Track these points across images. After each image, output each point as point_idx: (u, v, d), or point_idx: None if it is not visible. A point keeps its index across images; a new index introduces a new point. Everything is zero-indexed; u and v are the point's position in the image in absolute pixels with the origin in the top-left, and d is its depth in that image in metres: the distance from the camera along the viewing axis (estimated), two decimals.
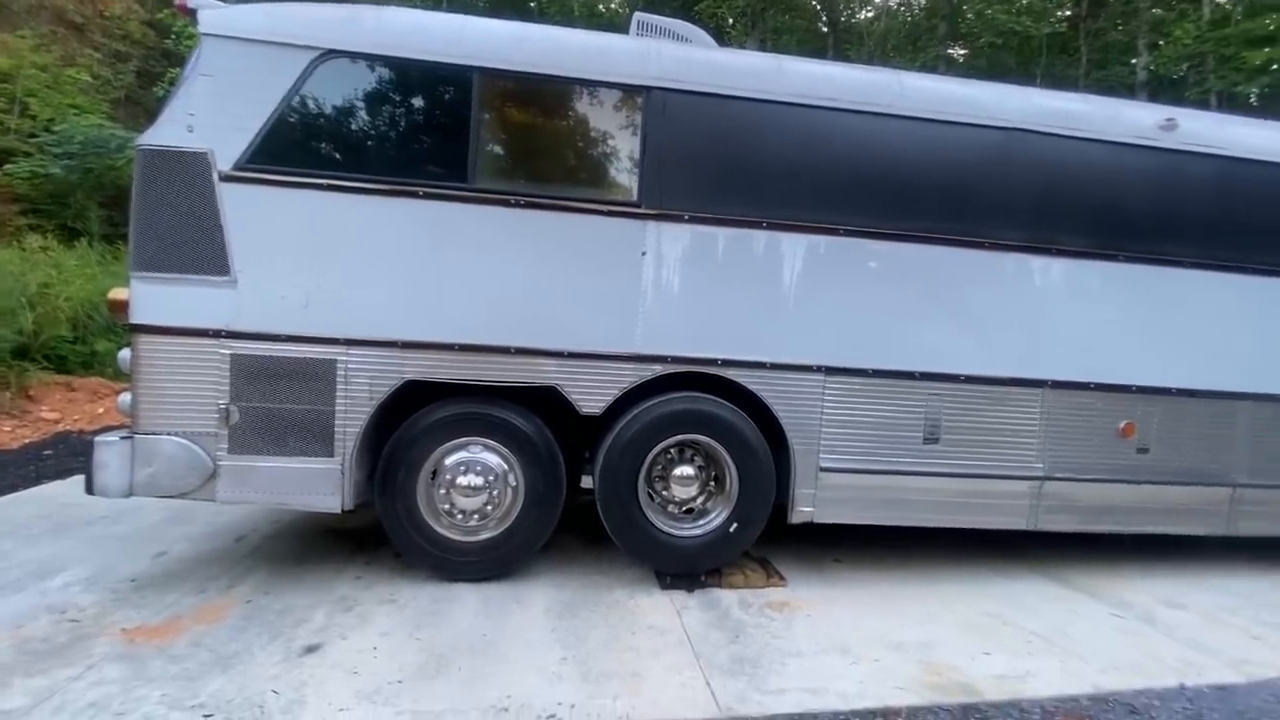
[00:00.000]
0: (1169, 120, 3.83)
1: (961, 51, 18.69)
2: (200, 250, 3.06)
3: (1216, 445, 3.96)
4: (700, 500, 3.64)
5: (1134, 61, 15.30)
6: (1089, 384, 3.79)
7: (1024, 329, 3.71)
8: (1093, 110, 3.85)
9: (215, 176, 3.04)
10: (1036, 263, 3.71)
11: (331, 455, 3.18)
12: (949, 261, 3.62)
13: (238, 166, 3.06)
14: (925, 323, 3.62)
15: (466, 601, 3.20)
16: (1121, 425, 3.84)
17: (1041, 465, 3.78)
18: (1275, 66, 12.90)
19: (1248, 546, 4.43)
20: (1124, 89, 14.43)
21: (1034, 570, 4.05)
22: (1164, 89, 14.57)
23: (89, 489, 3.08)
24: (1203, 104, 12.49)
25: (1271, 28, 12.40)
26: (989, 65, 16.06)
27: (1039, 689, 2.69)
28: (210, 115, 3.05)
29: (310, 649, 2.70)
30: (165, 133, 3.04)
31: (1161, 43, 14.66)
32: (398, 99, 3.36)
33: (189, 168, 3.02)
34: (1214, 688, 2.79)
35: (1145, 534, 3.99)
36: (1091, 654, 3.02)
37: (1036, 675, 2.80)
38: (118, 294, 3.14)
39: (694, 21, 3.95)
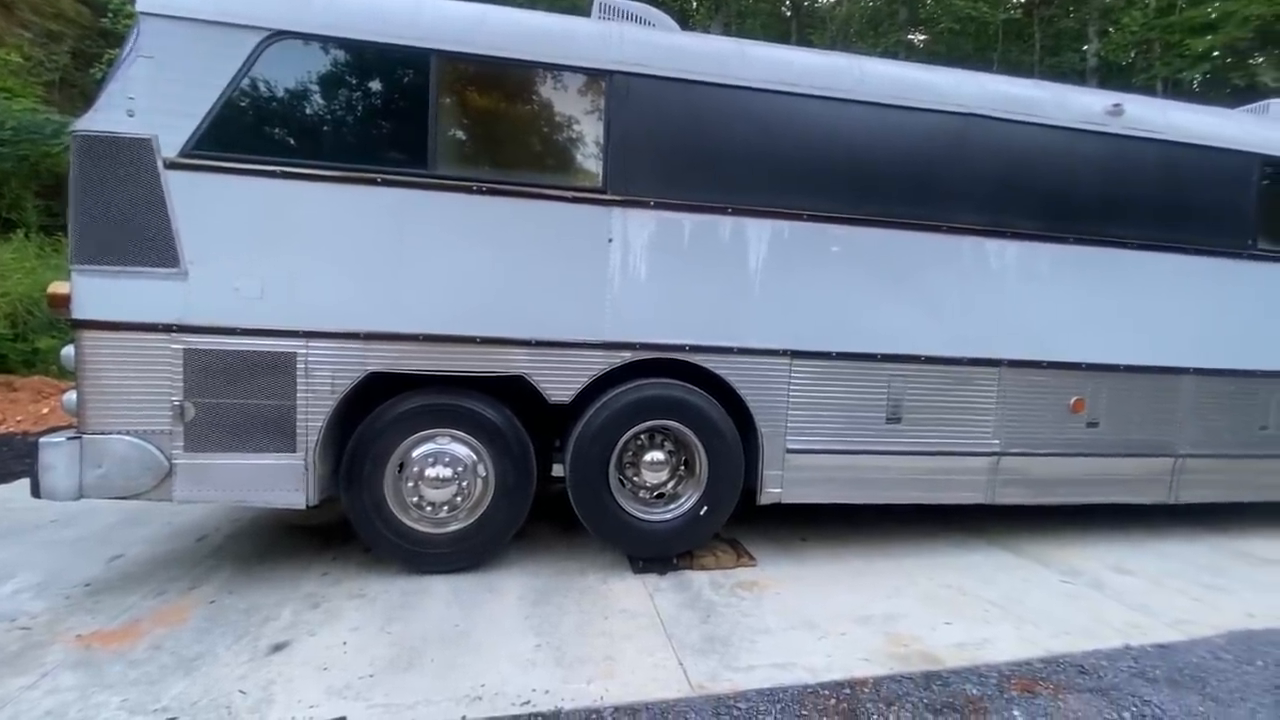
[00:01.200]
0: (1116, 106, 3.96)
1: (922, 37, 18.95)
2: (146, 241, 2.93)
3: (1160, 418, 4.17)
4: (671, 485, 3.68)
5: (1085, 48, 15.73)
6: (1043, 362, 3.93)
7: (981, 310, 3.82)
8: (1044, 96, 3.95)
9: (160, 164, 2.91)
10: (992, 245, 3.81)
11: (294, 450, 3.11)
12: (909, 245, 3.70)
13: (184, 153, 2.94)
14: (887, 306, 3.70)
15: (438, 593, 3.18)
16: (1072, 401, 4.00)
17: (998, 441, 3.92)
18: (1216, 54, 13.41)
19: (1188, 513, 4.68)
20: (1075, 75, 14.85)
21: (991, 542, 4.21)
22: (1113, 75, 15.04)
23: (35, 492, 2.95)
24: (1149, 90, 12.93)
25: (1213, 16, 12.87)
26: (948, 51, 16.33)
27: (996, 655, 2.81)
28: (152, 99, 2.91)
29: (278, 647, 2.65)
30: (104, 117, 2.89)
31: (1111, 30, 15.10)
32: (353, 82, 3.25)
33: (131, 155, 2.89)
34: (1156, 646, 2.95)
35: (1094, 504, 4.18)
36: (1044, 620, 3.16)
37: (994, 642, 2.92)
38: (58, 288, 2.99)
39: (657, 5, 3.91)
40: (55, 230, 9.19)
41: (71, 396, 2.99)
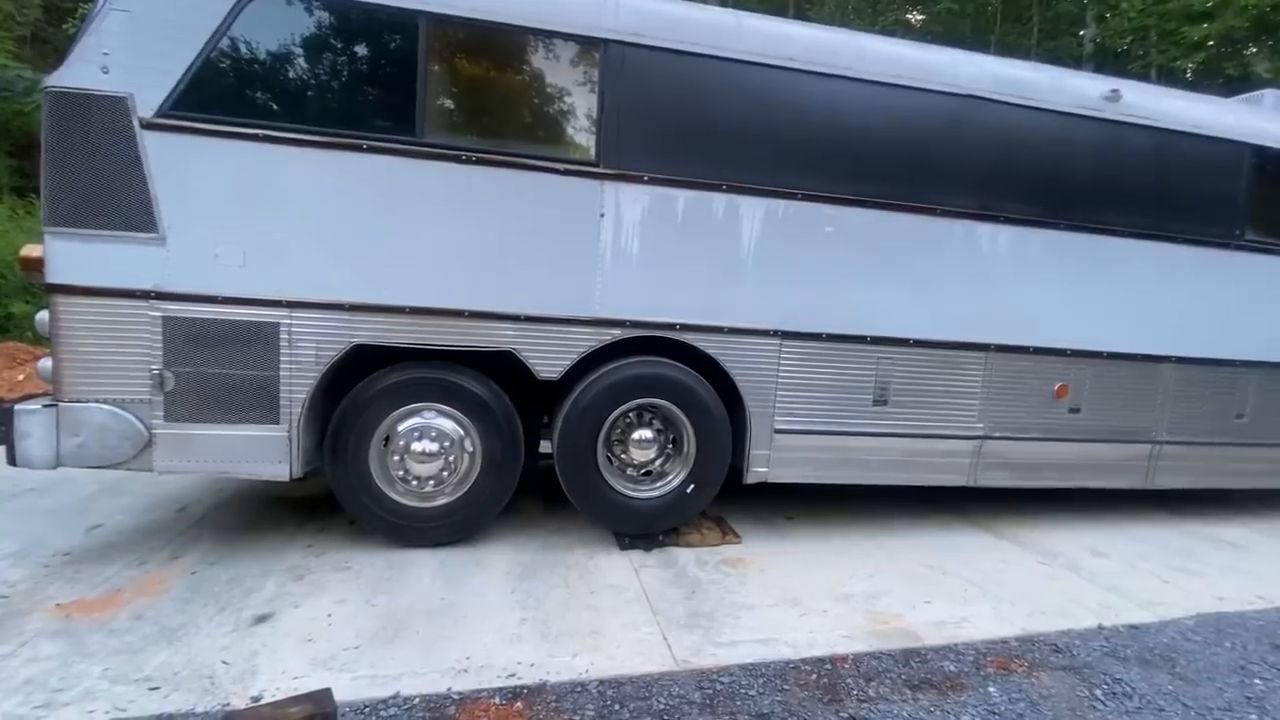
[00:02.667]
0: (1113, 91, 3.94)
1: (919, 17, 18.73)
2: (122, 205, 2.83)
3: (1140, 405, 4.23)
4: (658, 463, 3.69)
5: (1082, 33, 15.65)
6: (1028, 348, 3.96)
7: (971, 294, 3.83)
8: (1042, 79, 3.92)
9: (136, 123, 2.80)
10: (984, 229, 3.81)
11: (277, 422, 3.07)
12: (902, 227, 3.69)
13: (161, 113, 2.83)
14: (878, 288, 3.69)
15: (424, 566, 3.18)
16: (1056, 386, 4.05)
17: (982, 425, 3.96)
18: (1211, 43, 13.40)
19: (1163, 498, 4.79)
20: (1072, 60, 14.79)
21: (972, 524, 4.29)
22: (1109, 61, 15.00)
23: (10, 460, 2.89)
24: (1143, 77, 12.92)
25: (1211, 4, 12.83)
26: (946, 32, 16.17)
27: (973, 633, 2.87)
28: (128, 55, 2.79)
29: (261, 619, 2.64)
30: (77, 73, 2.77)
31: (1109, 15, 15.02)
32: (339, 44, 3.14)
33: (106, 113, 2.78)
34: (1128, 627, 3.03)
35: (1074, 488, 4.26)
36: (1021, 599, 3.23)
37: (971, 621, 2.98)
38: (30, 251, 2.90)
39: None
40: (28, 192, 8.91)
41: (47, 363, 2.92)
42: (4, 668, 2.24)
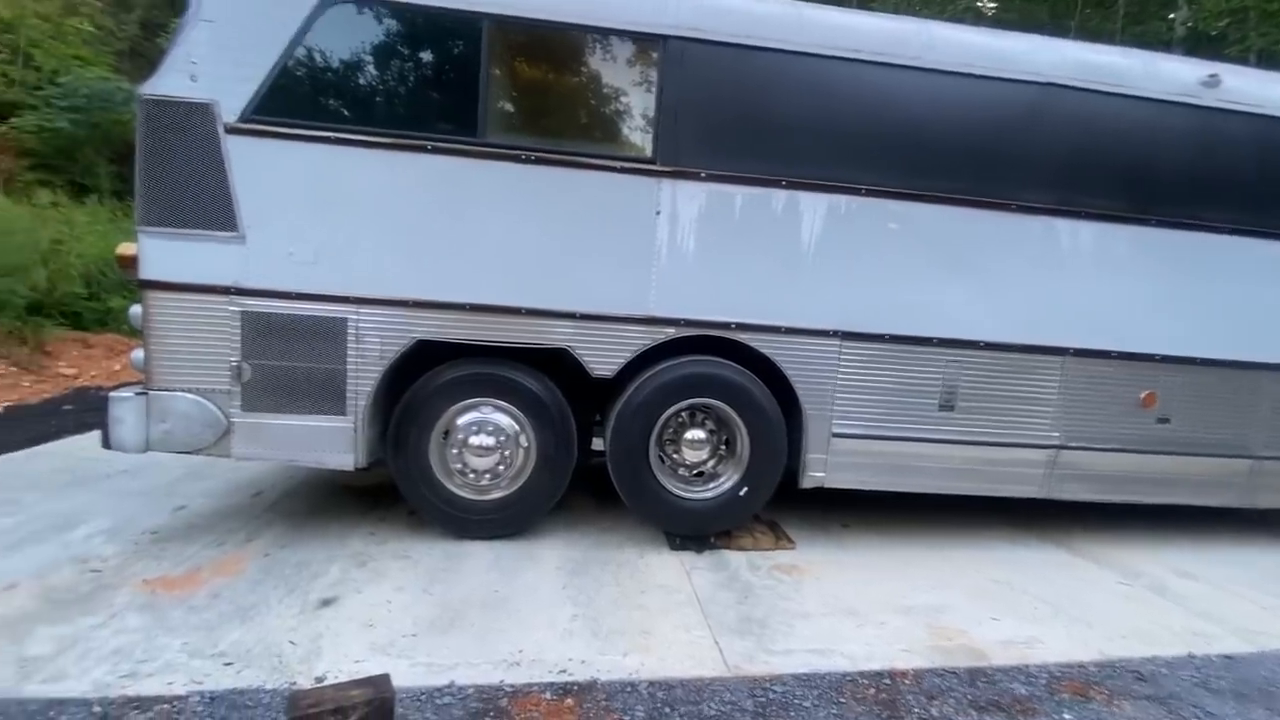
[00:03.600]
0: (1212, 76, 3.64)
1: (991, 4, 17.88)
2: (207, 205, 3.00)
3: (1239, 417, 3.89)
4: (711, 464, 3.64)
5: (1172, 16, 14.58)
6: (1111, 352, 3.70)
7: (1048, 295, 3.61)
8: (1130, 64, 3.65)
9: (220, 128, 2.96)
10: (1064, 225, 3.58)
11: (344, 413, 3.19)
12: (973, 224, 3.51)
13: (243, 118, 2.98)
14: (946, 288, 3.53)
15: (479, 558, 3.24)
16: (1142, 395, 3.77)
17: (1058, 434, 3.73)
18: None
19: (1262, 519, 4.39)
20: (1161, 44, 13.79)
21: (1043, 538, 4.05)
22: (1202, 45, 13.90)
23: (106, 443, 3.12)
24: (1242, 61, 11.91)
25: None
26: (1020, 18, 15.37)
27: (1046, 655, 2.70)
28: (213, 64, 2.95)
29: (326, 602, 2.75)
30: (168, 82, 2.95)
31: None
32: (406, 49, 3.24)
33: (193, 119, 2.95)
34: (1222, 657, 2.79)
35: (1157, 504, 3.96)
36: (1099, 621, 3.02)
37: (1044, 641, 2.81)
38: (126, 249, 3.11)
39: None
40: (126, 195, 9.60)
41: (139, 354, 3.12)
42: (95, 637, 2.41)
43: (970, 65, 3.43)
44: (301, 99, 3.09)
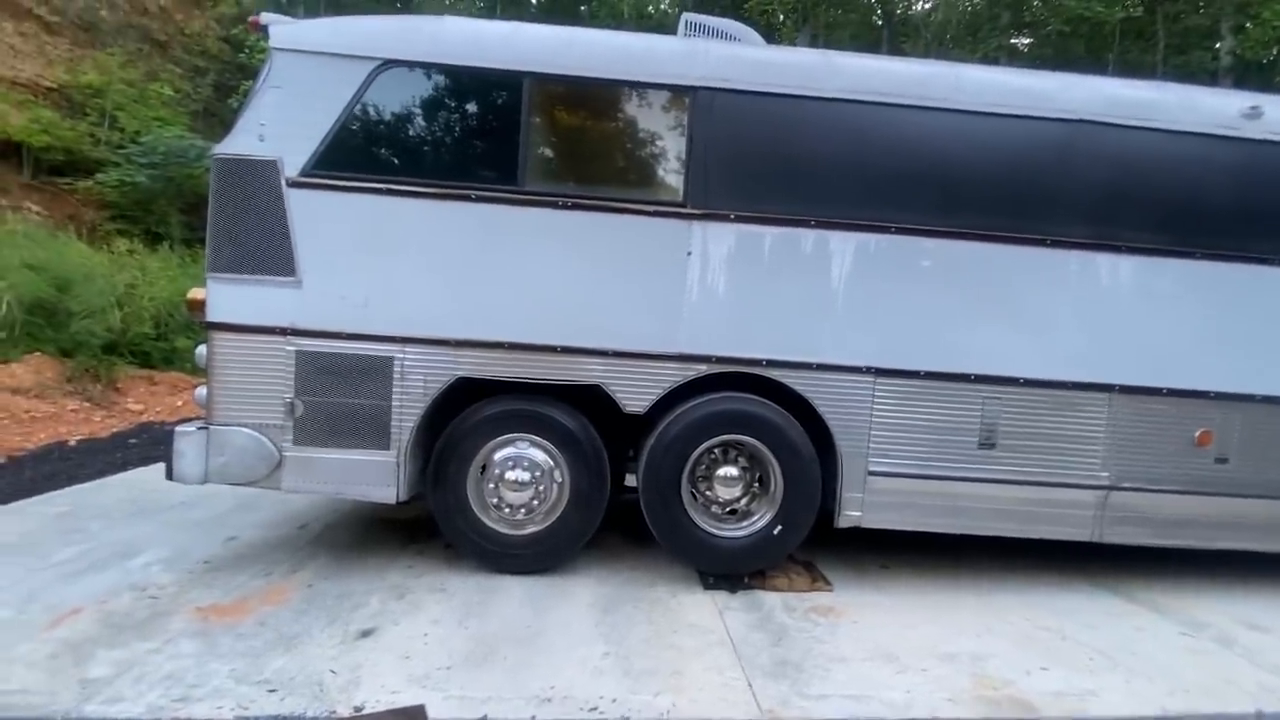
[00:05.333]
0: (1253, 108, 3.58)
1: (1026, 41, 17.89)
2: (269, 252, 3.24)
3: None
4: (744, 501, 3.62)
5: (1217, 46, 14.32)
6: (1161, 389, 3.58)
7: (1090, 330, 3.53)
8: (1166, 99, 3.63)
9: (283, 183, 3.21)
10: (1104, 261, 3.52)
11: (388, 448, 3.32)
12: (1008, 260, 3.49)
13: (304, 173, 3.23)
14: (982, 324, 3.49)
15: (512, 593, 3.28)
16: (1197, 433, 3.61)
17: (1108, 474, 3.59)
18: None
19: None
20: (1205, 75, 13.53)
21: (1095, 584, 3.85)
22: (1250, 75, 13.58)
23: (169, 475, 3.31)
24: None
25: None
26: (1056, 54, 15.32)
27: (1101, 709, 2.56)
28: (279, 125, 3.22)
29: (365, 633, 2.82)
30: (239, 142, 3.23)
31: (1248, 25, 13.66)
32: (452, 105, 3.48)
33: (260, 175, 3.21)
34: None
35: (1223, 550, 3.74)
36: (1159, 674, 2.85)
37: (1098, 695, 2.67)
38: (196, 294, 3.36)
39: (743, 20, 3.93)
40: (195, 243, 10.31)
41: (202, 391, 3.33)
42: (150, 662, 2.53)
43: (998, 105, 3.47)
44: (356, 153, 3.33)
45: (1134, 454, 3.60)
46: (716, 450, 3.58)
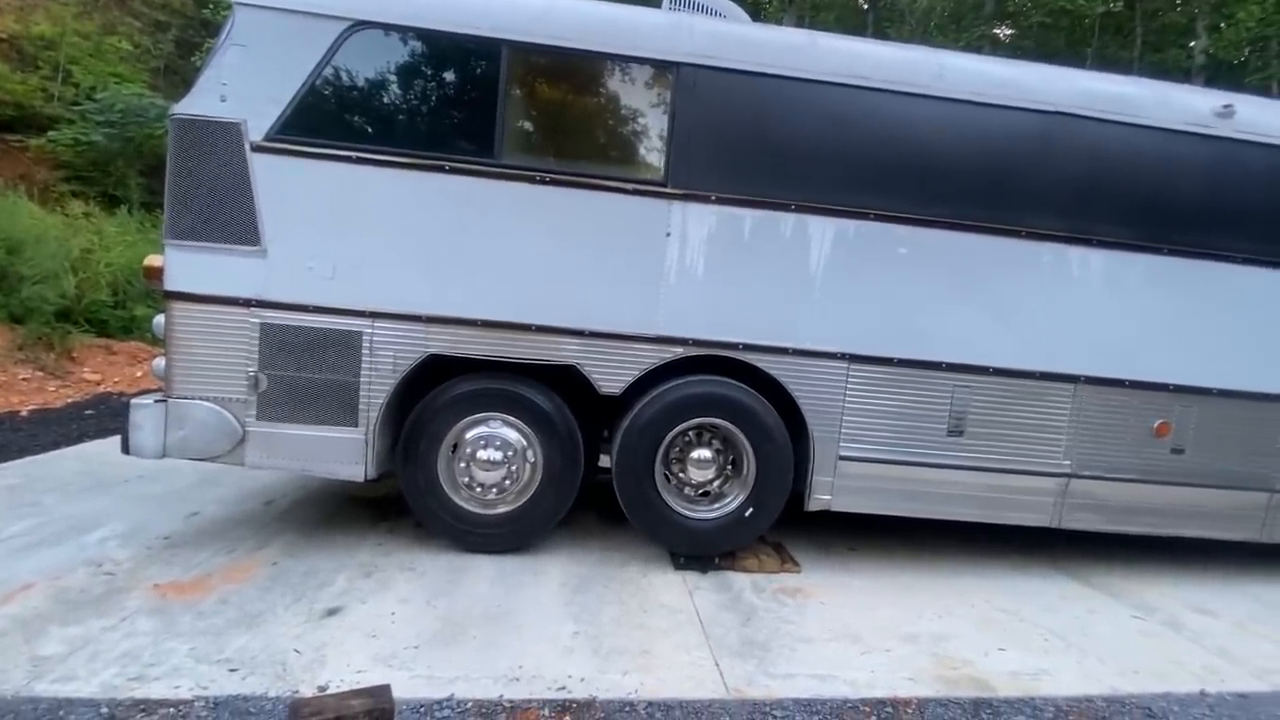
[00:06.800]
0: (1226, 107, 3.64)
1: (1008, 31, 17.99)
2: (231, 220, 3.10)
3: (1257, 449, 3.82)
4: (717, 483, 3.64)
5: (1192, 45, 14.57)
6: (1124, 381, 3.67)
7: (1059, 322, 3.60)
8: (1143, 94, 3.67)
9: (247, 147, 3.07)
10: (1075, 254, 3.58)
11: (356, 425, 3.25)
12: (983, 250, 3.52)
13: (269, 137, 3.09)
14: (955, 313, 3.53)
15: (483, 572, 3.26)
16: (1156, 424, 3.72)
17: (1069, 462, 3.69)
18: None
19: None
20: (1180, 73, 13.77)
21: (1053, 567, 3.98)
22: (1223, 74, 13.86)
23: (125, 449, 3.19)
24: (1262, 91, 11.86)
25: None
26: (1036, 46, 15.45)
27: (1054, 688, 2.66)
28: (243, 86, 3.07)
29: (331, 611, 2.78)
30: (199, 102, 3.07)
31: (1223, 25, 13.91)
32: (427, 72, 3.35)
33: (222, 138, 3.06)
34: (1236, 695, 2.72)
35: (1176, 537, 3.88)
36: (1110, 655, 2.97)
37: (1051, 674, 2.76)
38: (153, 261, 3.21)
39: None
40: (155, 207, 9.88)
41: (160, 362, 3.21)
42: (105, 640, 2.46)
43: (980, 94, 3.47)
44: (325, 119, 3.19)
45: (1095, 443, 3.70)
46: (691, 433, 3.58)
